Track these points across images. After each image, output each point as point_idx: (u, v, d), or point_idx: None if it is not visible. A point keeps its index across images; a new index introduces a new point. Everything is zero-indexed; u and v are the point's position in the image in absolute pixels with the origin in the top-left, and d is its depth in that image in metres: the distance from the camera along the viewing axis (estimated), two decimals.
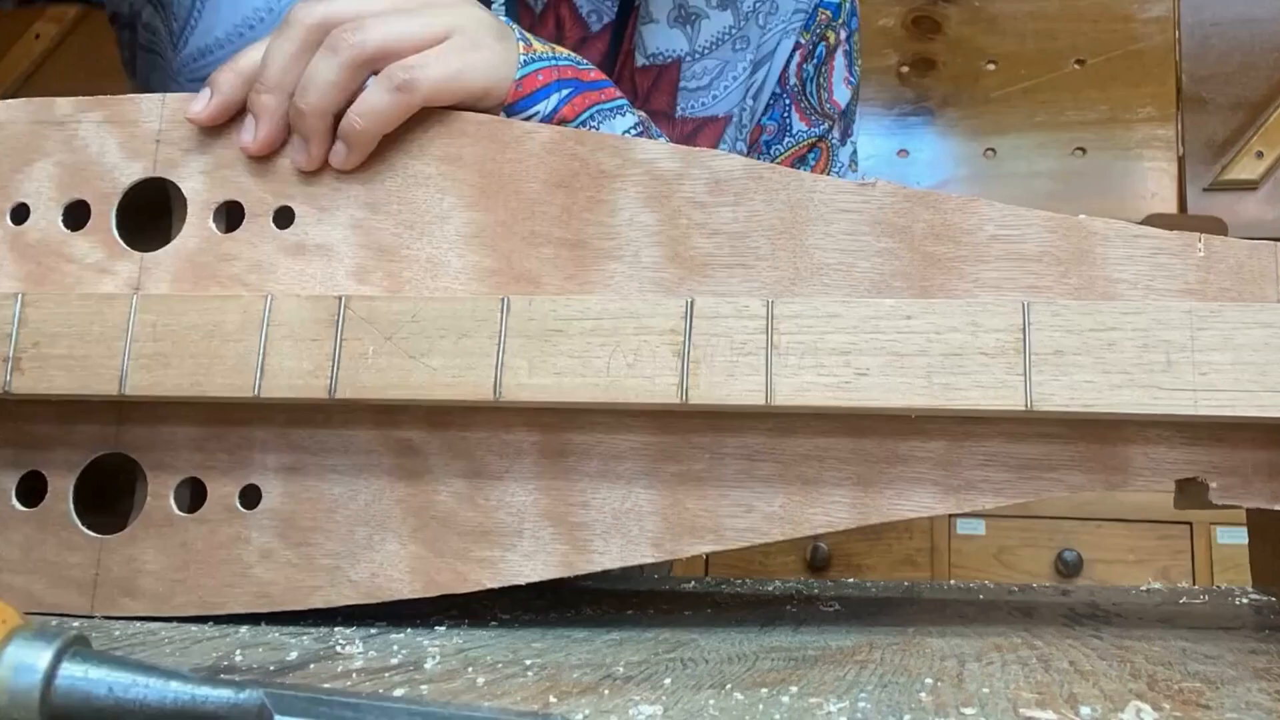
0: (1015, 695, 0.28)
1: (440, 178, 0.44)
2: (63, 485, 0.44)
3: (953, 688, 0.30)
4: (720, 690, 0.29)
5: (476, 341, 0.39)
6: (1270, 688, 0.30)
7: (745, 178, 0.42)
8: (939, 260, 0.40)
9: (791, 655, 0.35)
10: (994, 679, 0.31)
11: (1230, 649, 0.38)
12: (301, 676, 0.30)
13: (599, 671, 0.32)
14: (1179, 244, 0.40)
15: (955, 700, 0.28)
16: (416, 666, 0.32)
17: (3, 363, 0.42)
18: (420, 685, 0.29)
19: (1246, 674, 0.33)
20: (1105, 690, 0.29)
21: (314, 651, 0.35)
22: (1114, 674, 0.32)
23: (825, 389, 0.38)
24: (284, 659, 0.33)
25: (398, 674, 0.31)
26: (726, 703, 0.27)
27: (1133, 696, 0.28)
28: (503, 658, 0.34)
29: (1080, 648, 0.38)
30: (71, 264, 0.45)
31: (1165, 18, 1.79)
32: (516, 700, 0.27)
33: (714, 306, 0.39)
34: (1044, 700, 0.28)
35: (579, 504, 0.41)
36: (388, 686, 0.29)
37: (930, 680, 0.31)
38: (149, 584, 0.42)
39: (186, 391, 0.41)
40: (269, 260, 0.44)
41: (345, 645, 0.36)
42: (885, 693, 0.29)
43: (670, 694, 0.28)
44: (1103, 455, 0.39)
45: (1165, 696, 0.29)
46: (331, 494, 0.42)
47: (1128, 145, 1.77)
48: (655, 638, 0.40)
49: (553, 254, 0.42)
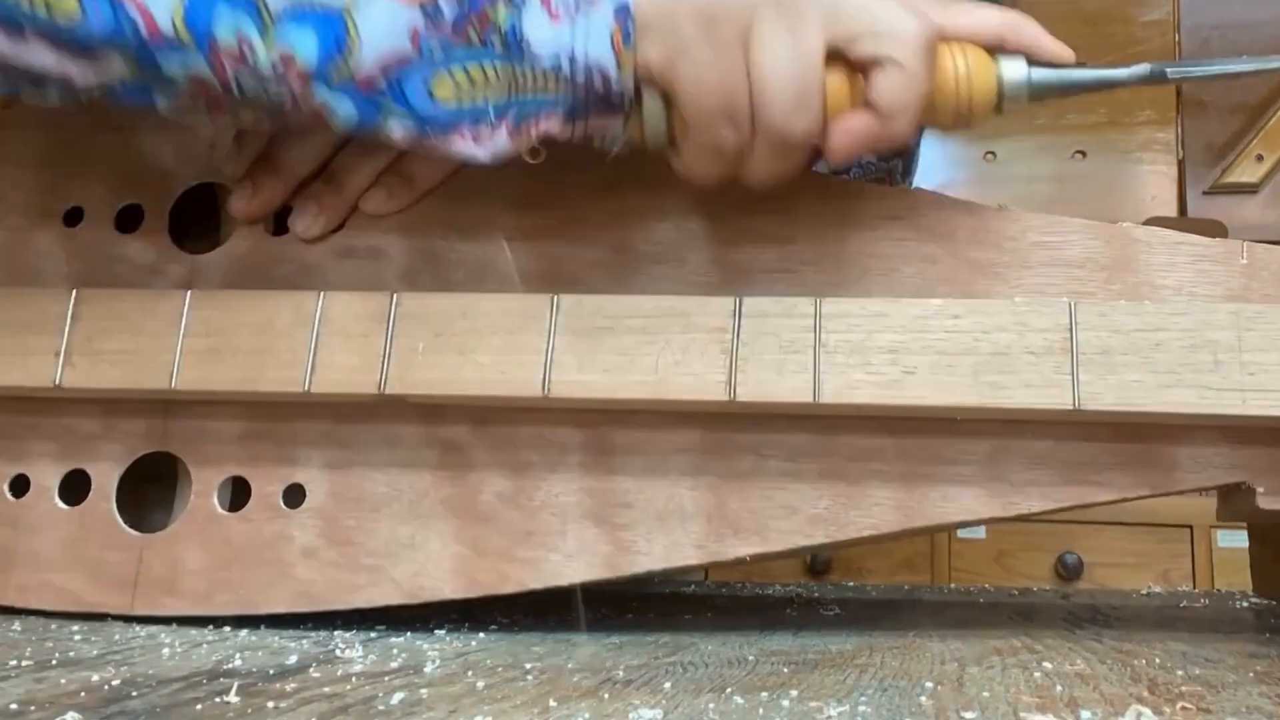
0: (1016, 699, 0.28)
1: (488, 181, 0.44)
2: (106, 483, 0.44)
3: (953, 691, 0.30)
4: (720, 694, 0.29)
5: (526, 338, 0.40)
6: (1270, 691, 0.30)
7: (790, 184, 0.42)
8: (982, 266, 0.41)
9: (791, 659, 0.35)
10: (994, 683, 0.31)
11: (1230, 653, 0.38)
12: (301, 680, 0.30)
13: (599, 675, 0.32)
14: (1221, 251, 0.40)
15: (956, 704, 0.28)
16: (416, 670, 0.32)
17: (54, 357, 0.42)
18: (420, 689, 0.29)
19: (1247, 678, 0.33)
20: (1106, 694, 0.29)
21: (314, 655, 0.35)
22: (1114, 677, 0.32)
23: (873, 387, 0.38)
24: (284, 663, 0.33)
25: (397, 678, 0.31)
26: (726, 706, 0.27)
27: (1133, 700, 0.28)
28: (502, 661, 0.34)
29: (1081, 651, 0.38)
30: (123, 265, 0.46)
31: (1165, 21, 1.79)
32: (516, 704, 0.27)
33: (762, 305, 0.39)
34: (1044, 704, 0.28)
35: (622, 504, 0.41)
36: (387, 690, 0.29)
37: (930, 684, 0.31)
38: (190, 582, 0.42)
39: (237, 386, 0.41)
40: (319, 262, 0.44)
41: (345, 649, 0.36)
42: (885, 696, 0.29)
43: (670, 698, 0.28)
44: (1149, 458, 0.39)
45: (1166, 700, 0.29)
46: (375, 493, 0.42)
47: (1128, 149, 1.77)
48: (655, 641, 0.40)
49: (599, 257, 0.42)
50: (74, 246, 0.46)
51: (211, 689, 0.28)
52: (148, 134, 0.47)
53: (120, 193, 0.47)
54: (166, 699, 0.27)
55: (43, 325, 0.42)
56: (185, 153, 0.47)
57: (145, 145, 0.47)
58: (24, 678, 0.29)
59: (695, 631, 0.43)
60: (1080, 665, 0.35)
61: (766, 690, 0.29)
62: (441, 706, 0.27)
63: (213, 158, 0.47)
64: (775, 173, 0.39)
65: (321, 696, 0.28)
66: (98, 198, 0.47)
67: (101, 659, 0.33)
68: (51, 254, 0.46)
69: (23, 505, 0.44)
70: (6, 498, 0.44)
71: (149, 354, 0.42)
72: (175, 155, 0.47)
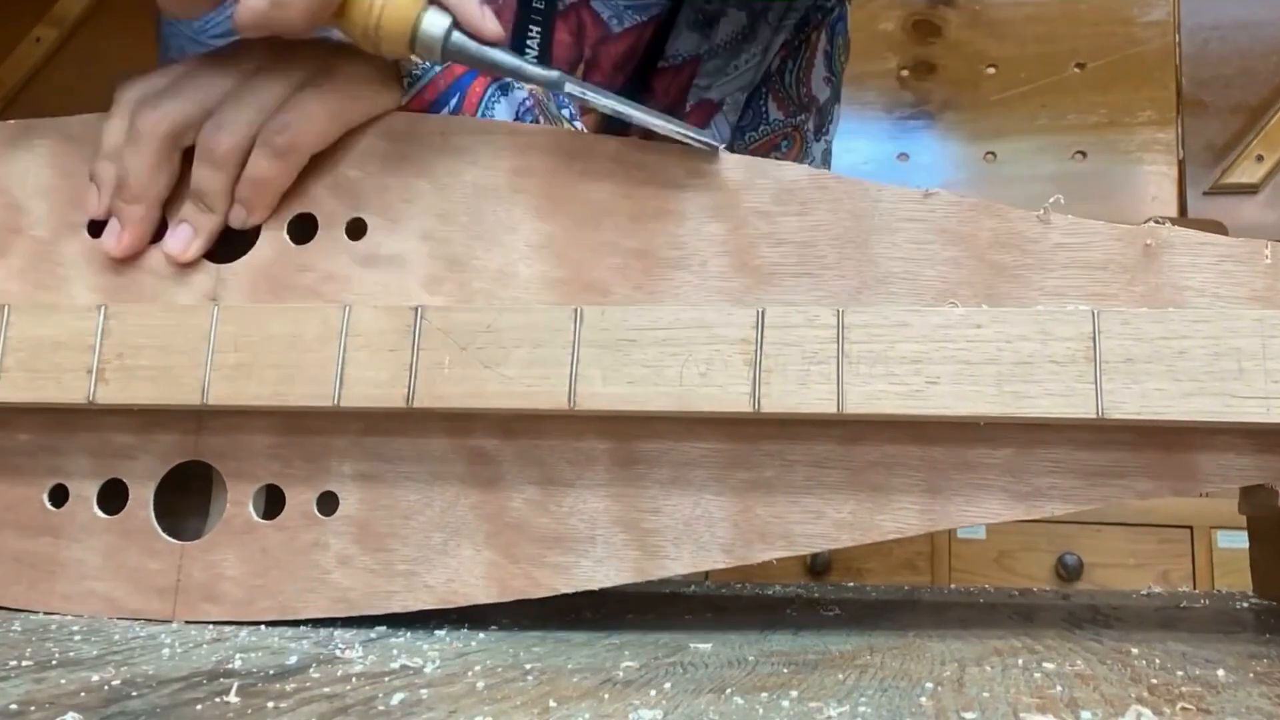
0: (1015, 700, 0.28)
1: (509, 189, 0.44)
2: (143, 493, 0.44)
3: (953, 692, 0.30)
4: (720, 695, 0.29)
5: (551, 351, 0.40)
6: (1271, 692, 0.30)
7: (810, 187, 0.42)
8: (1004, 269, 0.41)
9: (791, 659, 0.35)
10: (994, 683, 0.31)
11: (1231, 653, 0.38)
12: (301, 680, 0.30)
13: (599, 676, 0.32)
14: (1245, 251, 0.40)
15: (956, 705, 0.28)
16: (416, 671, 0.32)
17: (87, 374, 0.43)
18: (420, 689, 0.29)
19: (1247, 678, 0.33)
20: (1105, 694, 0.29)
21: (314, 655, 0.35)
22: (1114, 678, 0.32)
23: (897, 397, 0.38)
24: (284, 663, 0.33)
25: (397, 678, 0.31)
26: (726, 707, 0.27)
27: (1133, 701, 0.28)
28: (502, 662, 0.34)
29: (1081, 652, 0.38)
30: (149, 275, 0.46)
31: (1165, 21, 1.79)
32: (516, 704, 0.27)
33: (785, 316, 0.39)
34: (1044, 705, 0.28)
35: (650, 510, 0.41)
36: (387, 691, 0.29)
37: (930, 685, 0.31)
38: (230, 590, 0.43)
39: (268, 401, 0.41)
40: (342, 271, 0.44)
41: (345, 649, 0.36)
42: (885, 697, 0.29)
43: (670, 698, 0.28)
44: (1171, 462, 0.39)
45: (1166, 701, 0.29)
46: (407, 501, 0.42)
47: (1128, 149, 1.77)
48: (655, 642, 0.40)
49: (620, 263, 0.43)
50: (100, 258, 0.46)
51: (211, 689, 0.28)
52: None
53: None
54: (166, 699, 0.27)
55: (74, 341, 0.43)
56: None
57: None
58: (24, 678, 0.29)
59: (695, 632, 0.43)
60: (1080, 666, 0.35)
61: (766, 691, 0.29)
62: (441, 707, 0.27)
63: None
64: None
65: (321, 697, 0.28)
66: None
67: (101, 659, 0.33)
68: (78, 265, 0.47)
69: (63, 515, 0.45)
70: (47, 508, 0.45)
71: (180, 369, 0.42)
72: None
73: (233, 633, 0.40)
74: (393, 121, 0.46)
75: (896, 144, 1.91)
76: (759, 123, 0.77)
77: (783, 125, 0.77)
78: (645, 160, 0.43)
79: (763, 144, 0.76)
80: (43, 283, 0.47)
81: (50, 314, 0.44)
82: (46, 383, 0.43)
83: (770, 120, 0.77)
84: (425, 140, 0.45)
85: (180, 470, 0.45)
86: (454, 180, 0.45)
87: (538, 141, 0.44)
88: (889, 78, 1.91)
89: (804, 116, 0.77)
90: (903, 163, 1.89)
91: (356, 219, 0.45)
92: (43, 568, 0.44)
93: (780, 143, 0.77)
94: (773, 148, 0.77)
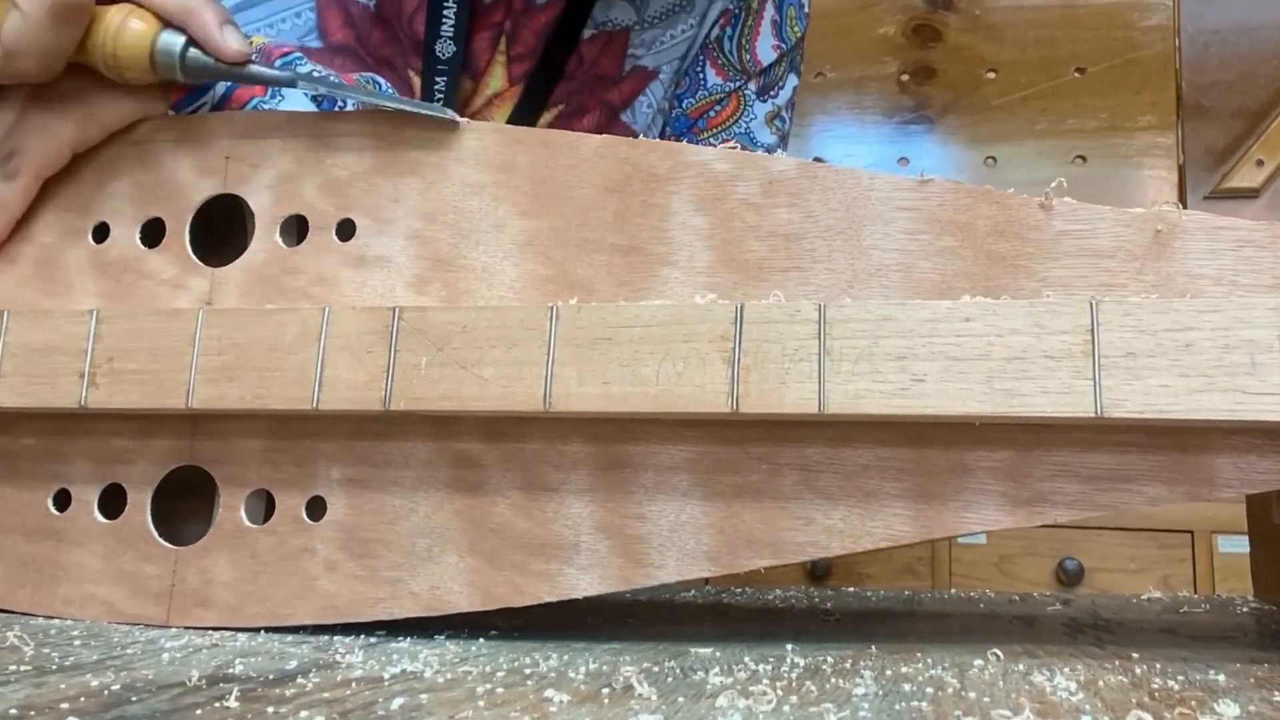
0: (1016, 705, 0.28)
1: (495, 186, 0.44)
2: (141, 498, 0.44)
3: (954, 698, 0.30)
4: (720, 700, 0.29)
5: (526, 351, 0.39)
6: (1272, 697, 0.30)
7: (799, 178, 0.41)
8: (1004, 258, 0.38)
9: (792, 665, 0.35)
10: (995, 689, 0.31)
11: (1232, 658, 0.38)
12: (301, 686, 0.30)
13: (599, 680, 0.32)
14: (1267, 235, 0.37)
15: (956, 710, 0.28)
16: (416, 675, 0.32)
17: (79, 378, 0.43)
18: (420, 694, 0.29)
19: (1248, 683, 0.33)
20: (1106, 699, 0.29)
21: (313, 660, 0.35)
22: (1115, 683, 0.32)
23: (881, 396, 0.36)
24: (284, 668, 0.33)
25: (397, 683, 0.31)
26: (727, 713, 0.27)
27: (1134, 706, 0.28)
28: (502, 667, 0.34)
29: (1081, 657, 0.38)
30: (148, 280, 0.46)
31: (1165, 26, 1.79)
32: (516, 709, 0.27)
33: (764, 311, 0.37)
34: (1045, 710, 0.28)
35: (635, 516, 0.40)
36: (387, 696, 0.29)
37: (931, 690, 0.31)
38: (221, 595, 0.43)
39: (250, 404, 0.41)
40: (332, 273, 0.44)
41: (345, 654, 0.36)
42: (885, 702, 0.29)
43: (670, 703, 0.28)
44: (1185, 466, 0.37)
45: (1166, 706, 0.28)
46: (393, 506, 0.42)
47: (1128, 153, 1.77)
48: (655, 647, 0.40)
49: (606, 260, 0.42)
50: (102, 262, 0.46)
51: (211, 694, 0.28)
52: (166, 146, 0.48)
53: (142, 208, 0.47)
54: (166, 704, 0.27)
55: (68, 346, 0.43)
56: (202, 165, 0.47)
57: (163, 158, 0.48)
58: (23, 682, 0.29)
59: (695, 637, 0.43)
60: (1081, 671, 0.35)
61: (767, 696, 0.29)
62: (441, 712, 0.27)
63: (228, 169, 0.47)
64: None
65: (321, 702, 0.28)
66: (122, 213, 0.47)
67: (101, 664, 0.33)
68: (82, 270, 0.47)
69: (65, 519, 0.45)
70: (51, 512, 0.45)
71: (166, 373, 0.42)
72: (192, 167, 0.47)
73: (232, 637, 0.40)
74: (381, 122, 0.46)
75: (896, 148, 1.91)
76: (697, 89, 0.78)
77: (720, 89, 0.78)
78: (630, 154, 0.43)
79: (698, 108, 0.78)
80: (49, 289, 0.47)
81: (45, 319, 0.44)
82: (41, 387, 0.43)
83: (709, 85, 0.78)
84: (413, 140, 0.45)
85: (183, 475, 0.45)
86: (440, 178, 0.44)
87: (522, 138, 0.44)
88: (889, 82, 1.91)
89: (744, 80, 0.78)
90: (903, 167, 1.89)
91: (346, 219, 0.45)
92: (46, 571, 0.44)
93: (714, 106, 0.78)
94: (707, 111, 0.78)
